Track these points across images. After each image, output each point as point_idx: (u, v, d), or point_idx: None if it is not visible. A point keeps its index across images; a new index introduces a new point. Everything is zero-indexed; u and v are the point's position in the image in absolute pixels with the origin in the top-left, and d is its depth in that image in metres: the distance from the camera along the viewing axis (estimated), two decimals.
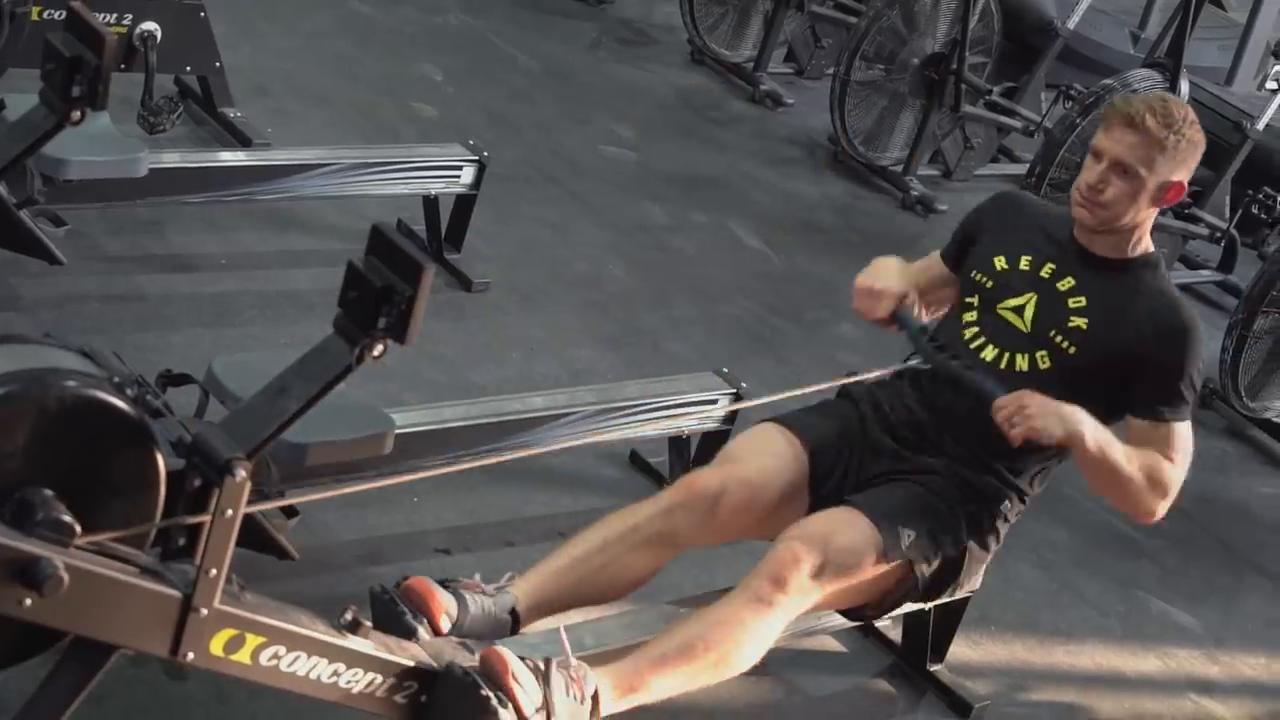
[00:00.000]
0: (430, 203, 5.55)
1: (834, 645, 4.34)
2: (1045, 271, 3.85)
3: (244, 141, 5.89)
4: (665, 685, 3.41)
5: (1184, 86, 6.80)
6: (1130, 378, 3.72)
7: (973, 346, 3.85)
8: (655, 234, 6.44)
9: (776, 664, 4.06)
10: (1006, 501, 3.84)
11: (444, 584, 3.45)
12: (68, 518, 2.69)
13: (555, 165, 6.72)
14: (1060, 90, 7.32)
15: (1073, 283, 3.82)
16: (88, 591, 2.71)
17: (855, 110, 7.51)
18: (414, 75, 7.12)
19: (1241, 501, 5.89)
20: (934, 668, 4.33)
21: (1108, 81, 6.87)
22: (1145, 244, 3.83)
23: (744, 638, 3.44)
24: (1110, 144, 3.68)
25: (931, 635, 4.29)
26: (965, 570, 3.84)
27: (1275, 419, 6.39)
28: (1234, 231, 7.12)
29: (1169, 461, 3.69)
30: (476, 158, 5.52)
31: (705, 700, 3.80)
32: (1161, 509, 3.71)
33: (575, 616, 3.59)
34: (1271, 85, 7.05)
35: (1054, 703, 4.49)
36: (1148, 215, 3.76)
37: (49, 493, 2.70)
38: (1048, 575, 5.01)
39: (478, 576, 3.53)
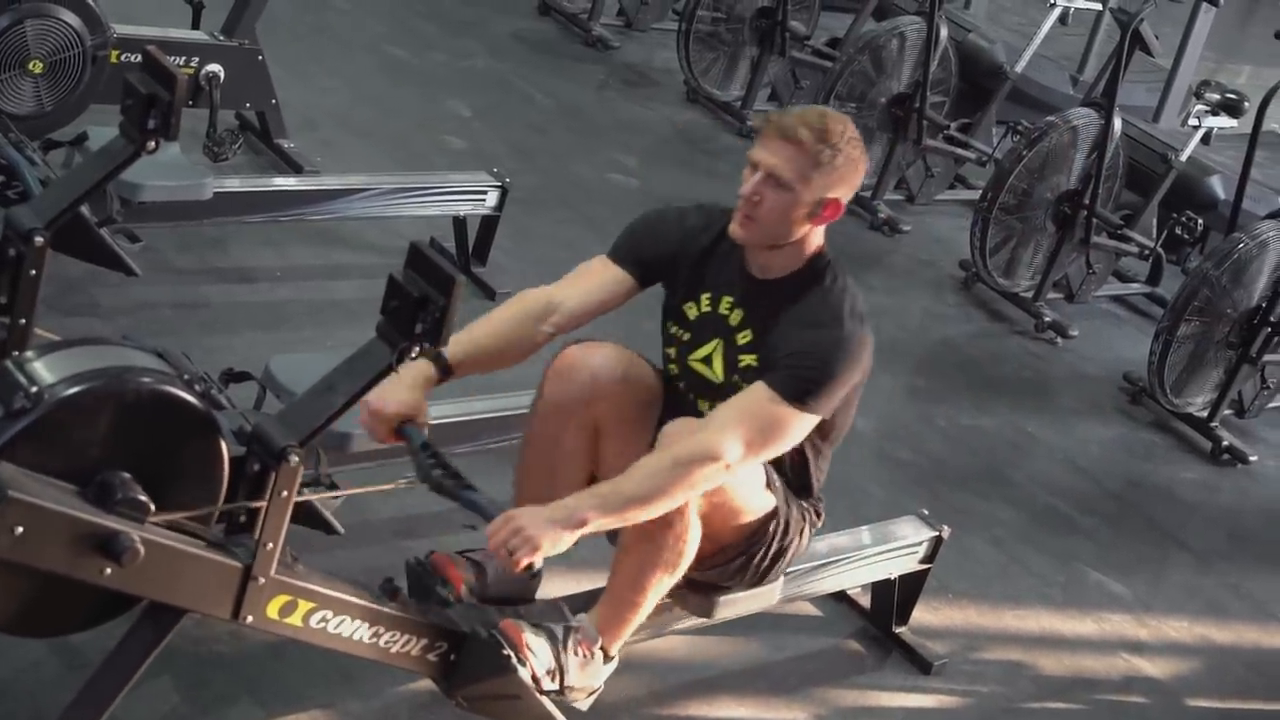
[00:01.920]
0: (459, 223, 5.54)
1: (811, 610, 4.33)
2: (724, 306, 3.40)
3: (296, 169, 5.89)
4: (646, 593, 3.30)
5: (1117, 123, 6.77)
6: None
7: (689, 400, 3.45)
8: None
9: (759, 627, 4.05)
10: (810, 505, 3.58)
11: (466, 554, 3.45)
12: (143, 497, 2.70)
13: (568, 191, 6.71)
14: (1009, 126, 7.31)
15: (740, 315, 3.38)
16: (160, 562, 2.72)
17: None
18: (444, 111, 7.11)
19: (1166, 485, 5.87)
20: (898, 630, 4.32)
21: (1050, 119, 6.85)
22: (812, 253, 3.35)
23: (686, 506, 3.20)
24: (764, 155, 3.23)
25: (896, 601, 4.28)
26: (791, 552, 3.55)
27: (1196, 413, 6.36)
28: (1160, 250, 7.09)
29: (718, 431, 3.13)
30: (500, 184, 5.51)
31: (698, 658, 3.80)
32: (719, 475, 3.13)
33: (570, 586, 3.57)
34: (1193, 122, 7.00)
35: (1003, 660, 4.48)
36: (809, 233, 3.31)
37: (127, 475, 2.71)
38: (998, 550, 5.00)
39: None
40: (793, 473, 3.49)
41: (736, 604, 3.59)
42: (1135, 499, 5.65)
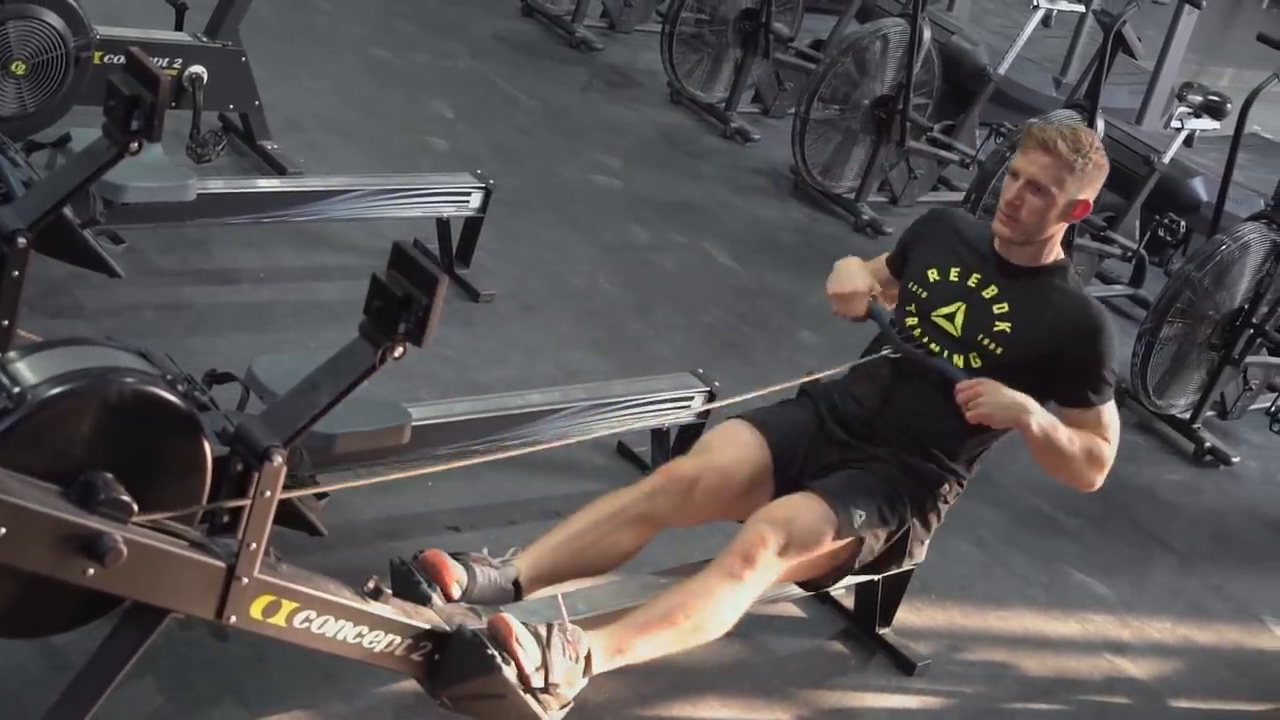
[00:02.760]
0: (443, 224, 5.54)
1: (795, 611, 4.34)
2: (972, 281, 3.87)
3: (279, 170, 5.88)
4: (648, 648, 3.42)
5: (1100, 125, 6.79)
6: (1052, 371, 3.74)
7: (924, 342, 3.88)
8: (639, 252, 6.43)
9: (744, 627, 4.03)
10: (945, 485, 3.85)
11: (455, 556, 3.45)
12: (126, 497, 2.69)
13: (552, 192, 6.71)
14: (992, 128, 7.31)
15: (995, 291, 3.83)
16: (144, 562, 2.71)
17: (814, 145, 7.50)
18: (428, 112, 7.11)
19: (1149, 486, 5.89)
20: (882, 631, 4.33)
21: (1032, 120, 6.86)
22: (1056, 253, 3.84)
23: (717, 608, 3.46)
24: (1026, 164, 3.71)
25: (880, 602, 4.29)
26: (909, 546, 3.85)
27: (1178, 415, 6.38)
28: (1143, 251, 7.10)
29: (1103, 440, 3.72)
30: (483, 185, 5.51)
31: (682, 660, 3.80)
32: (1099, 479, 3.75)
33: (570, 586, 3.59)
34: (1175, 124, 7.02)
35: (986, 661, 4.49)
36: (1058, 229, 3.78)
37: (110, 475, 2.70)
38: (981, 550, 5.01)
39: (485, 551, 3.54)
40: (967, 445, 3.86)
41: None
42: (1119, 500, 5.66)
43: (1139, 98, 8.80)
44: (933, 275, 3.91)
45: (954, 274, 3.89)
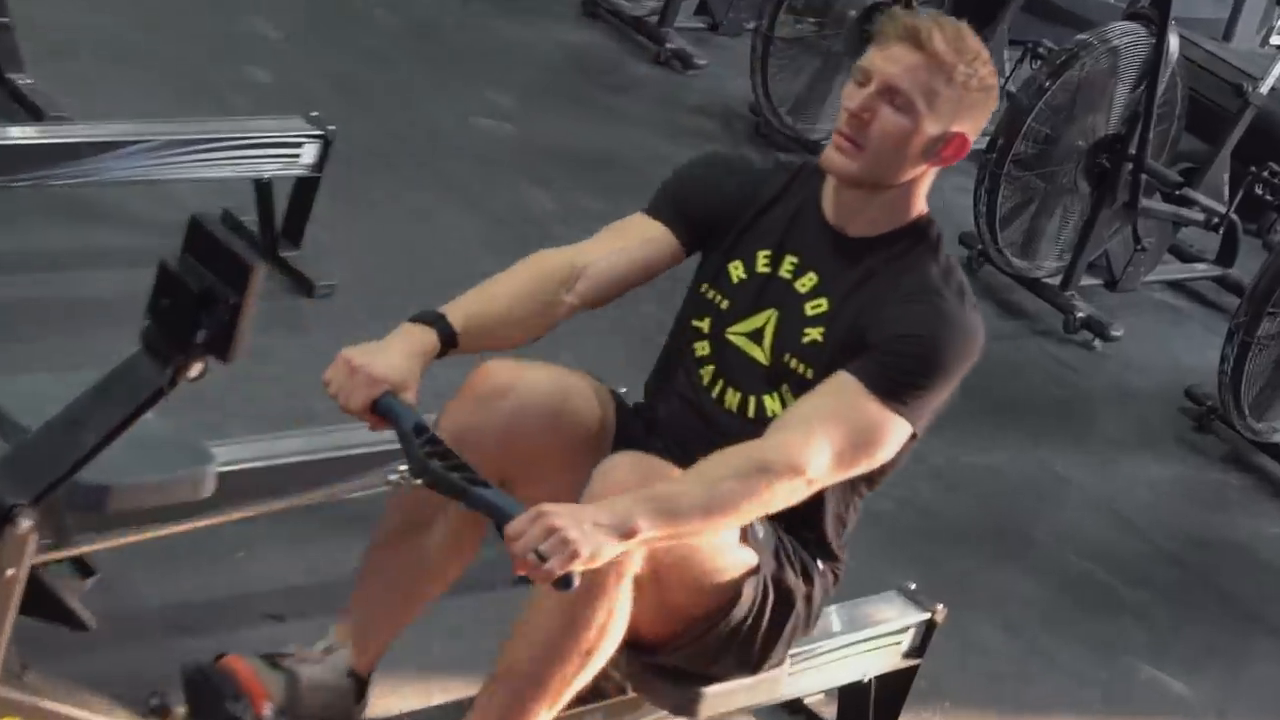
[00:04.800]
0: (263, 188, 5.52)
1: None
2: (786, 269, 3.56)
3: (36, 114, 5.84)
4: (548, 686, 3.31)
5: (1173, 42, 6.84)
6: (858, 351, 3.39)
7: (713, 394, 3.59)
8: (540, 224, 6.44)
9: None
10: (820, 563, 3.66)
11: (267, 659, 3.42)
12: None
13: (417, 141, 6.72)
14: (1026, 47, 7.35)
15: (815, 280, 3.53)
16: None
17: (781, 73, 7.54)
18: (243, 31, 7.11)
19: (1246, 545, 5.94)
20: None
21: (1083, 37, 6.91)
22: (916, 211, 3.55)
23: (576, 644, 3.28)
24: (883, 61, 3.38)
25: (873, 712, 4.28)
26: (790, 624, 3.60)
27: None
28: (1234, 217, 7.17)
29: (803, 435, 3.27)
30: (320, 133, 5.50)
31: None
32: (799, 493, 3.29)
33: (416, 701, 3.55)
34: (1276, 40, 7.08)
35: None
36: (920, 175, 3.49)
37: None
38: (1012, 637, 5.04)
39: (301, 644, 3.51)
40: (804, 519, 3.54)
41: (726, 697, 3.62)
42: (1202, 564, 5.70)
43: (1227, 5, 8.87)
44: (736, 272, 3.61)
45: (762, 261, 3.59)
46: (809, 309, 3.49)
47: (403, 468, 3.22)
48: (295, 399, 4.92)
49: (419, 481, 3.19)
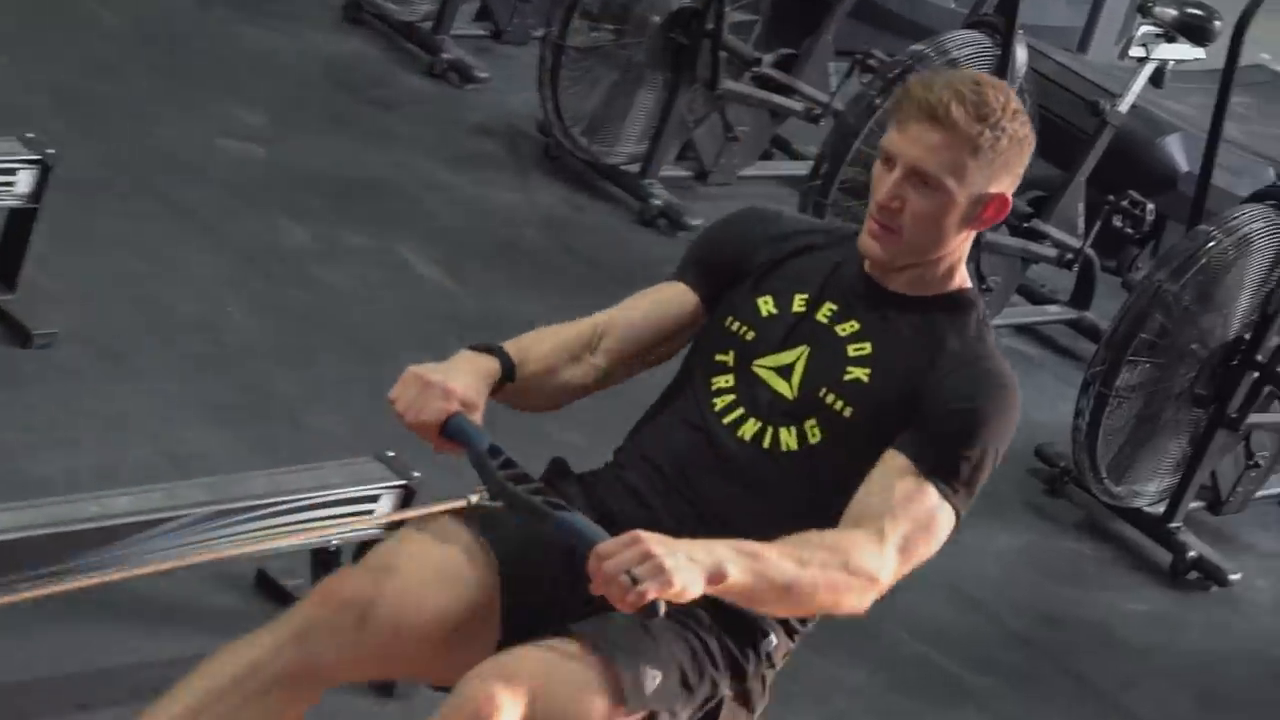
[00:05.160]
0: None
1: None
2: (824, 314, 3.82)
3: None
4: None
5: (1020, 53, 6.90)
6: (905, 418, 3.67)
7: (726, 421, 3.79)
8: (294, 262, 6.44)
9: None
10: (771, 637, 3.87)
11: None
12: None
13: (152, 167, 6.70)
14: (855, 59, 7.41)
15: (856, 327, 3.79)
16: None
17: (574, 87, 7.55)
18: None
19: (1103, 621, 6.00)
20: None
21: (918, 47, 6.95)
22: (959, 279, 3.82)
23: None
24: (905, 144, 3.63)
25: None
26: None
27: (1146, 508, 6.53)
28: (1090, 252, 7.24)
29: (878, 536, 3.54)
30: (37, 157, 5.47)
31: None
32: (868, 600, 3.58)
33: None
34: (1137, 52, 7.16)
35: None
36: (960, 241, 3.75)
37: None
38: None
39: None
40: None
41: None
42: (1054, 645, 5.77)
43: (1083, 13, 8.99)
44: (766, 307, 3.86)
45: (798, 303, 3.85)
46: (851, 350, 3.74)
47: (477, 492, 3.56)
48: (10, 465, 4.91)
49: (498, 504, 3.51)
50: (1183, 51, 7.16)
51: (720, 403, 3.81)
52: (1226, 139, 7.14)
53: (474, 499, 3.58)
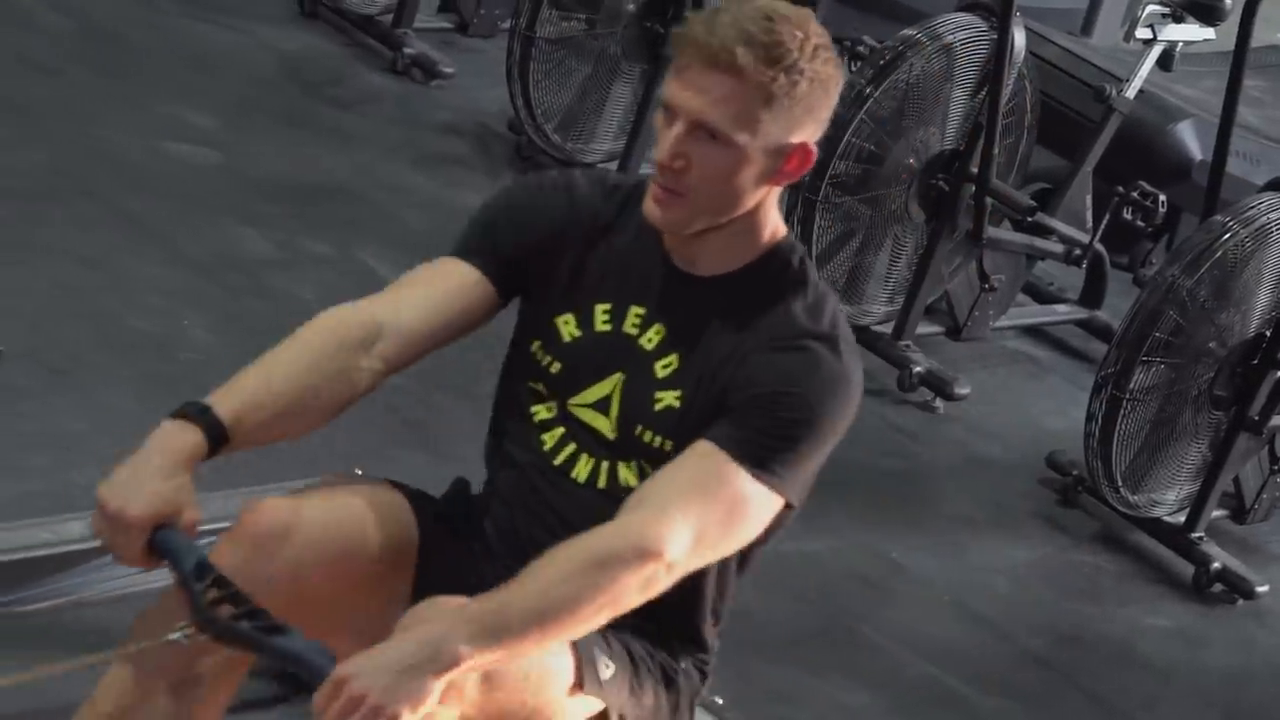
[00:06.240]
0: None
1: None
2: (631, 324, 3.58)
3: None
4: None
5: (1019, 37, 6.90)
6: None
7: (558, 461, 3.62)
8: (252, 272, 6.45)
9: None
10: (690, 662, 3.74)
11: None
12: None
13: (97, 172, 6.71)
14: (843, 46, 7.42)
15: (662, 333, 3.55)
16: None
17: (545, 82, 7.56)
18: None
19: (1122, 638, 6.01)
20: None
21: (910, 32, 6.96)
22: (770, 231, 3.53)
23: None
24: (685, 95, 3.33)
25: None
26: None
27: (1166, 518, 6.55)
28: (1099, 247, 7.23)
29: (658, 512, 3.28)
30: None
31: None
32: (657, 577, 3.27)
33: None
34: (1144, 34, 7.15)
35: None
36: (766, 199, 3.47)
37: None
38: None
39: None
40: (675, 608, 3.55)
41: None
42: (1070, 663, 5.78)
43: None
44: (568, 329, 3.61)
45: (601, 319, 3.60)
46: (659, 369, 3.51)
47: (183, 625, 3.19)
48: None
49: (205, 637, 3.16)
50: (1191, 32, 7.16)
51: (548, 440, 3.63)
52: (1241, 125, 7.15)
53: (177, 635, 3.21)
